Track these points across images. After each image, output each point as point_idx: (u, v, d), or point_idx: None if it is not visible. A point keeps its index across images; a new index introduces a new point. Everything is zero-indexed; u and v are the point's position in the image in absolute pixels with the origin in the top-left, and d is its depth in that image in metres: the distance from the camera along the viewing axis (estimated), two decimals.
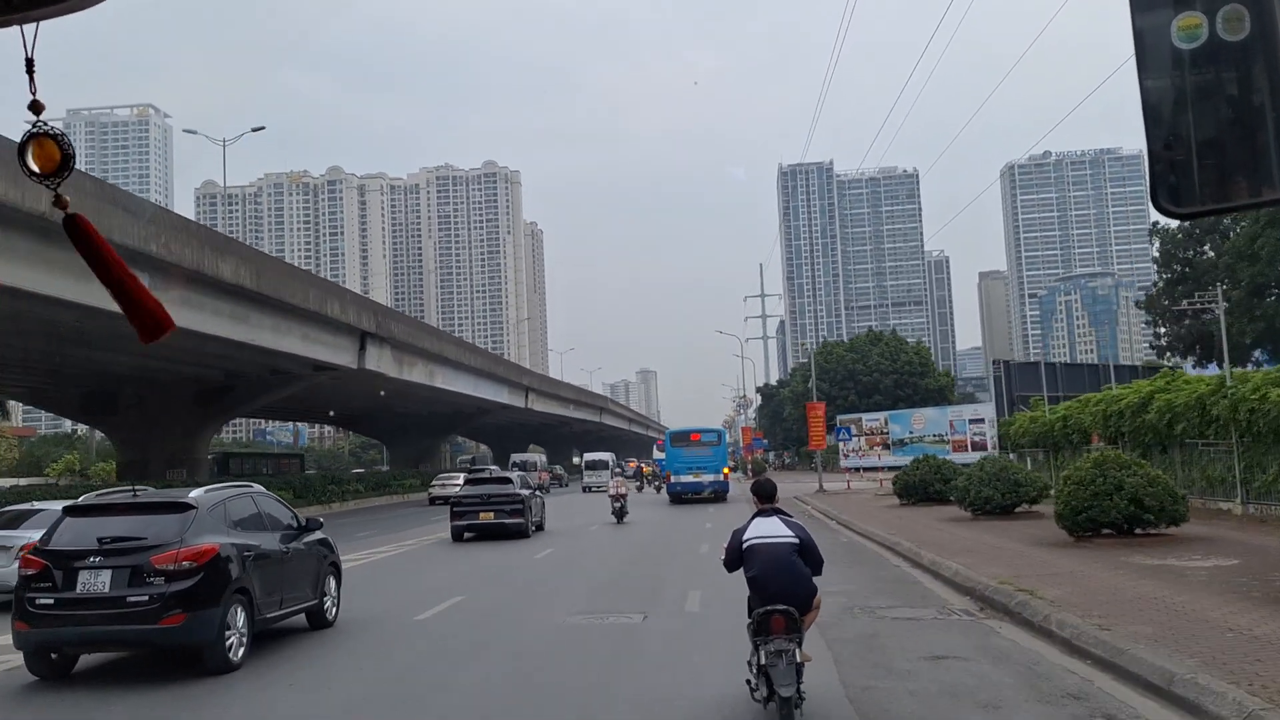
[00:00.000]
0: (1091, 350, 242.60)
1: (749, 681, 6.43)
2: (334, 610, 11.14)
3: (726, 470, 39.23)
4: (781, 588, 6.28)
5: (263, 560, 9.48)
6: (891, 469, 59.21)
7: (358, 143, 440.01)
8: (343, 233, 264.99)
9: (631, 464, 75.01)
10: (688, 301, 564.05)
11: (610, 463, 61.10)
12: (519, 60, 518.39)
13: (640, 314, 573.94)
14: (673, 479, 37.96)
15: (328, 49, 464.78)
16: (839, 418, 68.86)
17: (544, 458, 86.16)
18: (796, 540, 6.51)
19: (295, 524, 10.63)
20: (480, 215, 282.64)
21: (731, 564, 6.79)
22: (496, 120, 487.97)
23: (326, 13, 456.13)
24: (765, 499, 6.92)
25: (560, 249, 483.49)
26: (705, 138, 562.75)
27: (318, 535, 10.99)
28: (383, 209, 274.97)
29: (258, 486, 10.81)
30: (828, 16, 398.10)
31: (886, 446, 63.37)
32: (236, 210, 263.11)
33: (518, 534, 22.88)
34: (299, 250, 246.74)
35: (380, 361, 40.26)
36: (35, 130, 1.54)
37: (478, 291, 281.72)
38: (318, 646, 10.09)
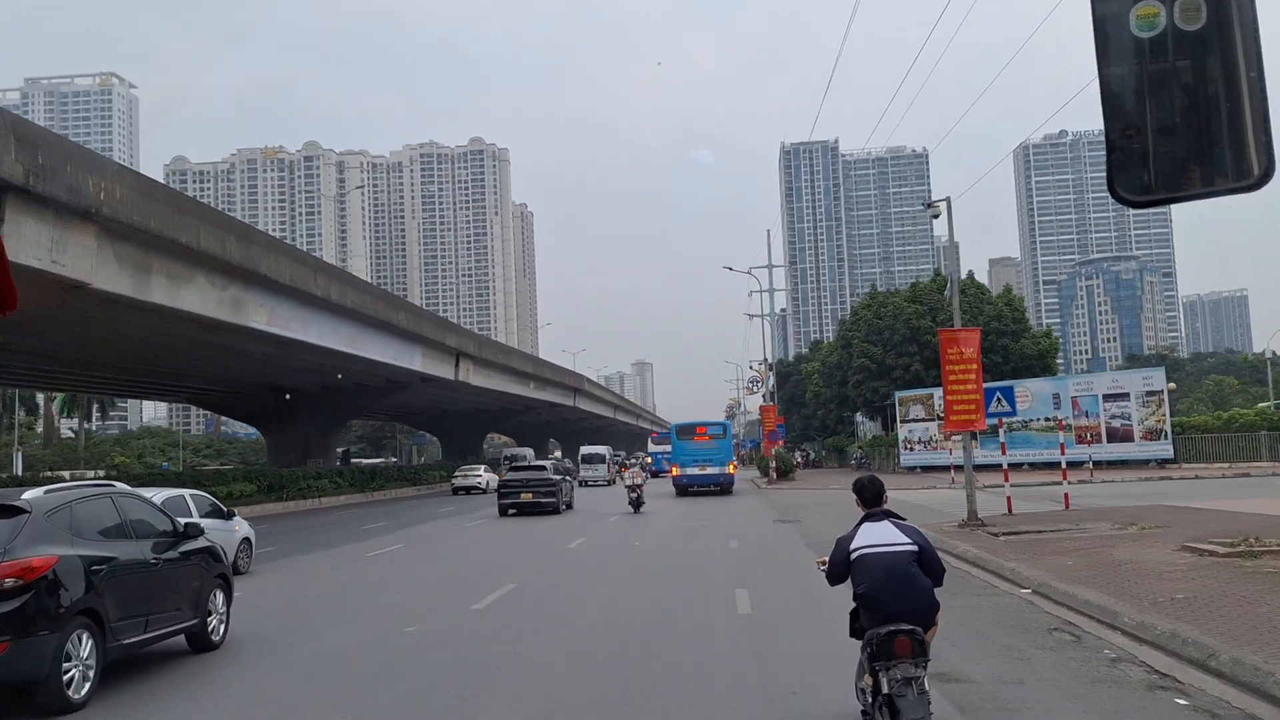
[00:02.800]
0: (1114, 338, 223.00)
1: (864, 713, 5.38)
2: (221, 630, 9.25)
3: (732, 465, 38.73)
4: (901, 604, 5.17)
5: (122, 575, 7.56)
6: (984, 468, 38.84)
7: (344, 129, 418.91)
8: (319, 212, 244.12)
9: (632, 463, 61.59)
10: (684, 292, 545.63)
11: (608, 456, 58.00)
12: (514, 48, 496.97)
13: (636, 305, 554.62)
14: (679, 472, 37.87)
15: (317, 32, 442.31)
16: (898, 395, 48.20)
17: (532, 452, 71.35)
18: (915, 547, 5.32)
19: (172, 531, 8.66)
20: (466, 195, 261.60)
21: (836, 576, 5.57)
22: (489, 109, 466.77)
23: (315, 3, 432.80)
24: (872, 501, 5.60)
25: (554, 239, 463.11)
26: (704, 128, 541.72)
27: (200, 544, 9.04)
28: (363, 187, 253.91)
29: (122, 486, 9.41)
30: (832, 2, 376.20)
31: (973, 435, 42.91)
32: (209, 188, 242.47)
33: (551, 511, 27.82)
34: (273, 229, 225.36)
35: (65, 255, 19.43)
36: None
37: (464, 275, 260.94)
38: (193, 676, 8.04)
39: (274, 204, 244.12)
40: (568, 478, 32.12)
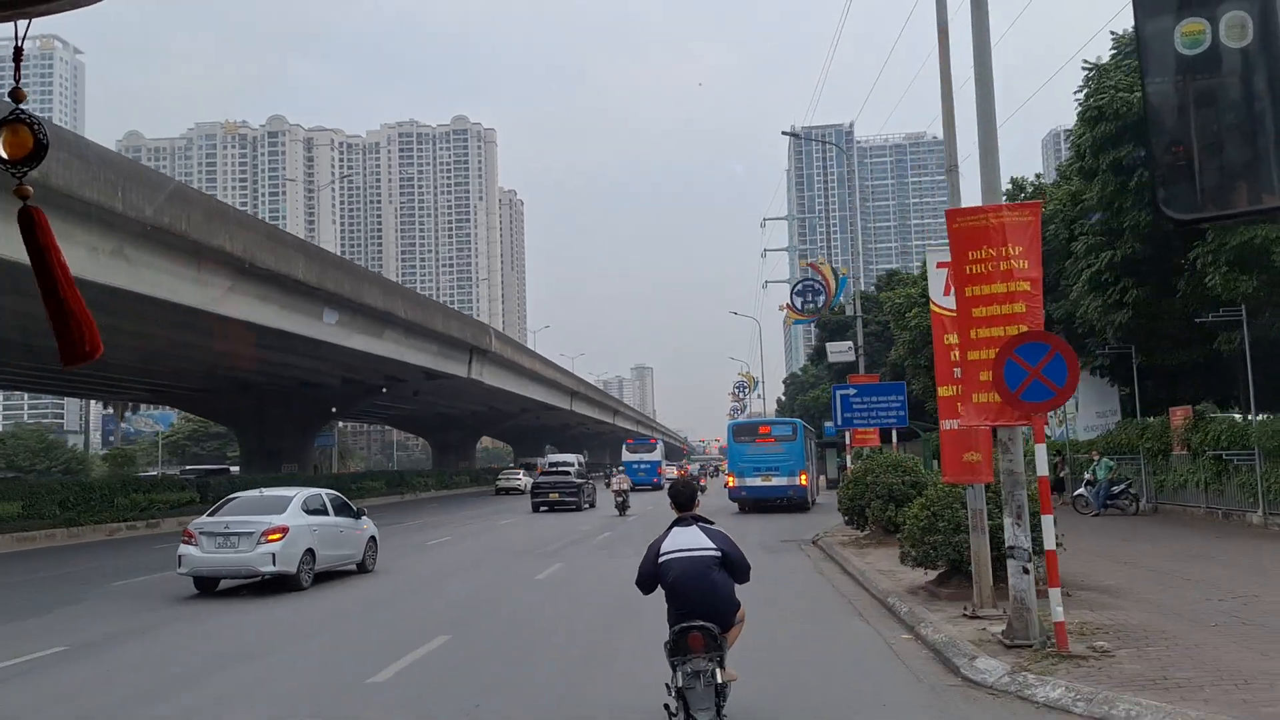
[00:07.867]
0: None
1: (667, 706, 5.24)
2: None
3: (804, 475, 29.68)
4: (699, 602, 5.16)
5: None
6: None
7: (320, 113, 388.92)
8: (284, 192, 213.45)
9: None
10: (686, 299, 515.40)
11: (576, 465, 50.01)
12: (524, 54, 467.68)
13: (638, 311, 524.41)
14: (736, 483, 30.30)
15: (333, 38, 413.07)
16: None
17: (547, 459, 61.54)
18: (718, 552, 5.26)
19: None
20: (449, 178, 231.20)
21: (646, 583, 5.41)
22: (487, 108, 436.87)
23: (335, 3, 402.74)
24: (684, 506, 5.47)
25: (553, 243, 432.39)
26: (710, 133, 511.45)
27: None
28: (333, 167, 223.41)
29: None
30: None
31: None
32: (165, 165, 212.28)
33: (575, 508, 33.54)
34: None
35: None
36: (11, 116, 1.39)
37: (444, 264, 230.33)
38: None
39: (234, 183, 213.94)
40: (589, 481, 37.60)
